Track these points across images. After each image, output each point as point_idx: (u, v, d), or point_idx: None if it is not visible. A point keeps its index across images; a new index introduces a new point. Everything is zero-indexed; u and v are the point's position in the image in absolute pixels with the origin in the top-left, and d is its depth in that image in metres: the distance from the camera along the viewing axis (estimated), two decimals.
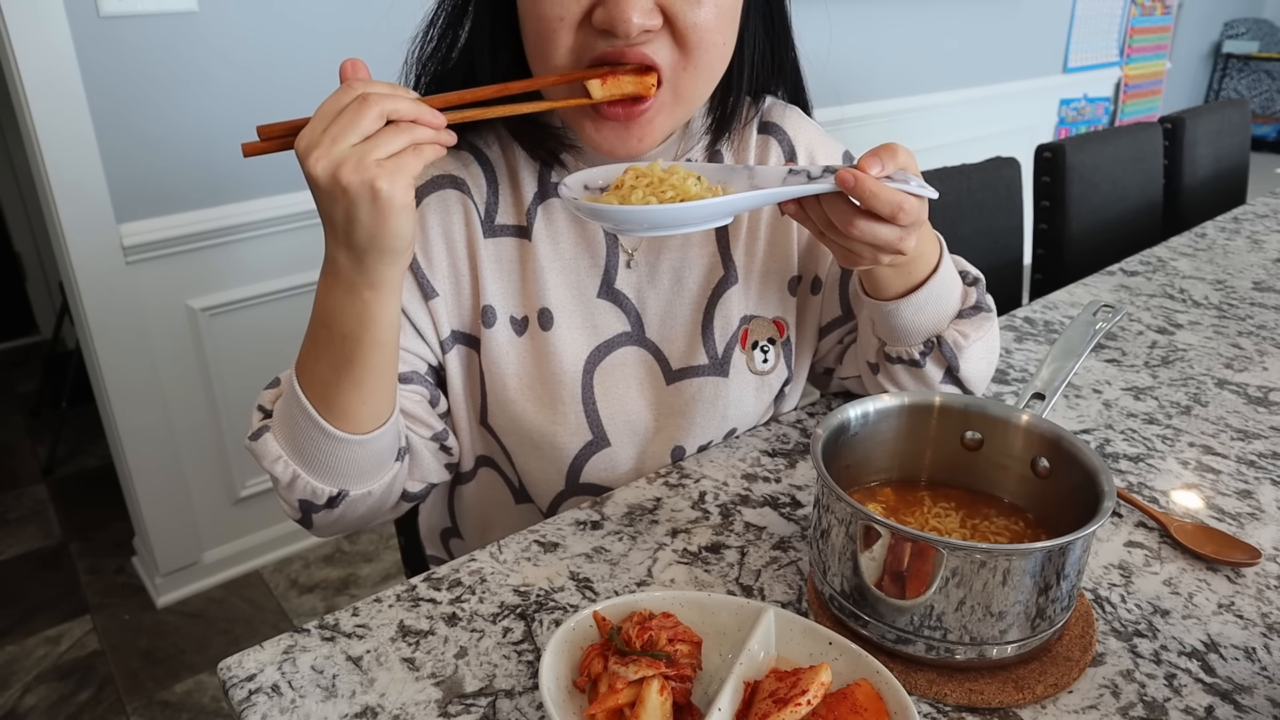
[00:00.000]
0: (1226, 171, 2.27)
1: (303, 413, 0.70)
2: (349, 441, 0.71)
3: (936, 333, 0.83)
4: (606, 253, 0.86)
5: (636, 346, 0.87)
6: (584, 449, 0.86)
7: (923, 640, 0.61)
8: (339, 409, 0.70)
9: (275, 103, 1.87)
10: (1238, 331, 1.24)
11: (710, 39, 0.72)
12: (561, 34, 0.70)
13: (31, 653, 1.95)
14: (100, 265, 1.76)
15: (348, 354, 0.68)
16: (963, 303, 0.84)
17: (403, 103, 0.60)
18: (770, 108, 0.92)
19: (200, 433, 2.01)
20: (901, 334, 0.83)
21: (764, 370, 0.91)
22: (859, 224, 0.67)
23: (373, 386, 0.70)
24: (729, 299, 0.88)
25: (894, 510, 0.73)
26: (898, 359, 0.85)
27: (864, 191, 0.65)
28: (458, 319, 0.84)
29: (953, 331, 0.83)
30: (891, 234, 0.68)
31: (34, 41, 1.58)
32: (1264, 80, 5.92)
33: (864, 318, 0.88)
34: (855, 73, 3.02)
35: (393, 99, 0.59)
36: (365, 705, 0.60)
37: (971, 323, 0.84)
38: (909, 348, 0.84)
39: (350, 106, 0.59)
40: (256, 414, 0.77)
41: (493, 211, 0.84)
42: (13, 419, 2.93)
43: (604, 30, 0.69)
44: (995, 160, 1.67)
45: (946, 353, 0.83)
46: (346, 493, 0.74)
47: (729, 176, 0.73)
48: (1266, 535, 0.79)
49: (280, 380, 0.77)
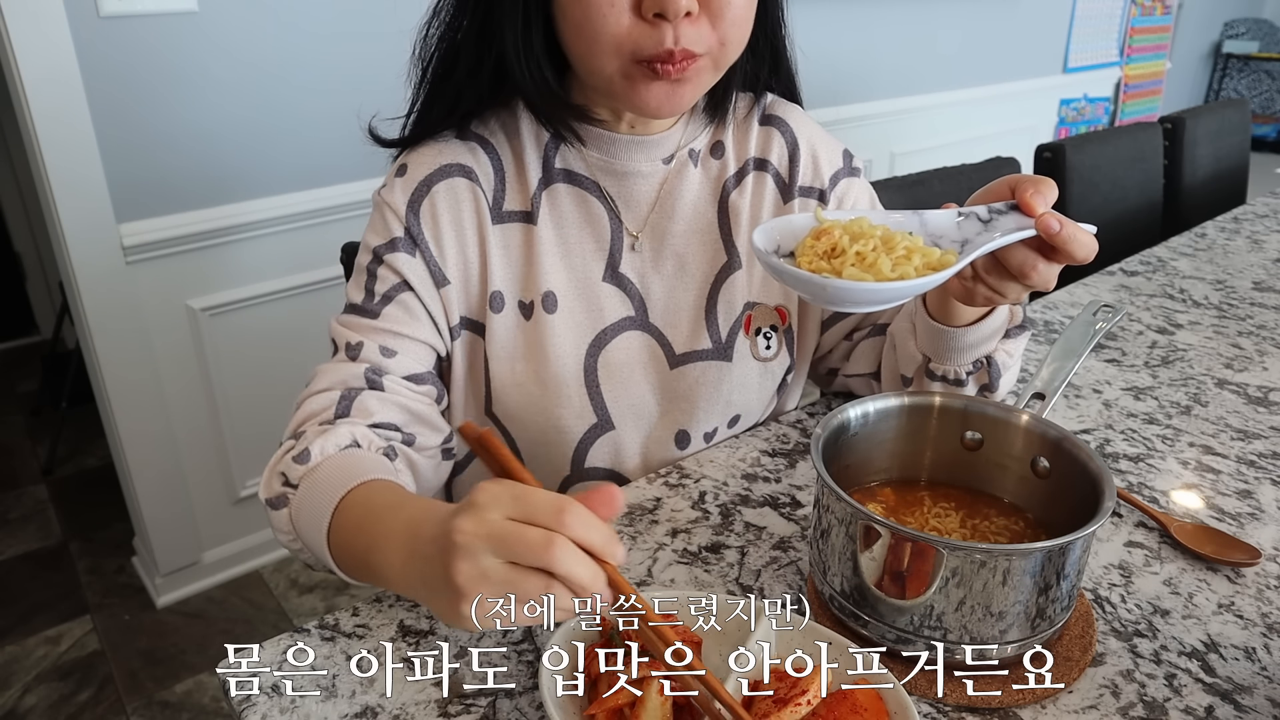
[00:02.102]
0: (1226, 171, 2.27)
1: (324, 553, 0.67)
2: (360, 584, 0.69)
3: (988, 353, 0.83)
4: (611, 237, 0.86)
5: (640, 331, 0.88)
6: (589, 432, 0.86)
7: (923, 640, 0.61)
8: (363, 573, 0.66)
9: (275, 102, 1.87)
10: (1238, 331, 1.24)
11: (741, 15, 0.75)
12: (612, 19, 0.70)
13: (31, 653, 1.95)
14: (100, 265, 1.76)
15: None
16: (1010, 320, 0.83)
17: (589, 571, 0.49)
18: (773, 102, 0.94)
19: (200, 433, 2.01)
20: (955, 354, 0.82)
21: (767, 356, 0.91)
22: (1042, 267, 0.67)
23: None
24: (733, 284, 0.89)
25: (894, 510, 0.73)
26: (941, 376, 0.84)
27: (1068, 239, 0.65)
28: (466, 306, 0.84)
29: (1001, 352, 0.83)
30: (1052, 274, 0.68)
31: (34, 41, 1.58)
32: (1264, 80, 5.92)
33: (902, 331, 0.87)
34: (855, 73, 3.02)
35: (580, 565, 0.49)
36: (365, 705, 0.60)
37: (1016, 341, 0.84)
38: (958, 367, 0.83)
39: (540, 544, 0.49)
40: (276, 478, 0.72)
41: (500, 198, 0.84)
42: (13, 419, 2.93)
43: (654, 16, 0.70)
44: (995, 160, 1.67)
45: (993, 372, 0.83)
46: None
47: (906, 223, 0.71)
48: (1266, 535, 0.79)
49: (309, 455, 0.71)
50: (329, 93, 1.91)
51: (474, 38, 0.78)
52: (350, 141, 0.87)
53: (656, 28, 0.70)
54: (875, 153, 3.18)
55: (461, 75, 0.80)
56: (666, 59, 0.72)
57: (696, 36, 0.72)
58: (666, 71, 0.73)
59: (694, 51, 0.73)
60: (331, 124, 1.92)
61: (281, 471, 0.73)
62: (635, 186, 0.86)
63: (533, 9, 0.75)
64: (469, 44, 0.78)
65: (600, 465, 0.88)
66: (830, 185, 0.93)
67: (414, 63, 0.81)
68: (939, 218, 0.69)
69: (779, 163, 0.92)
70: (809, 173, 0.92)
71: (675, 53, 0.71)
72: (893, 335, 0.90)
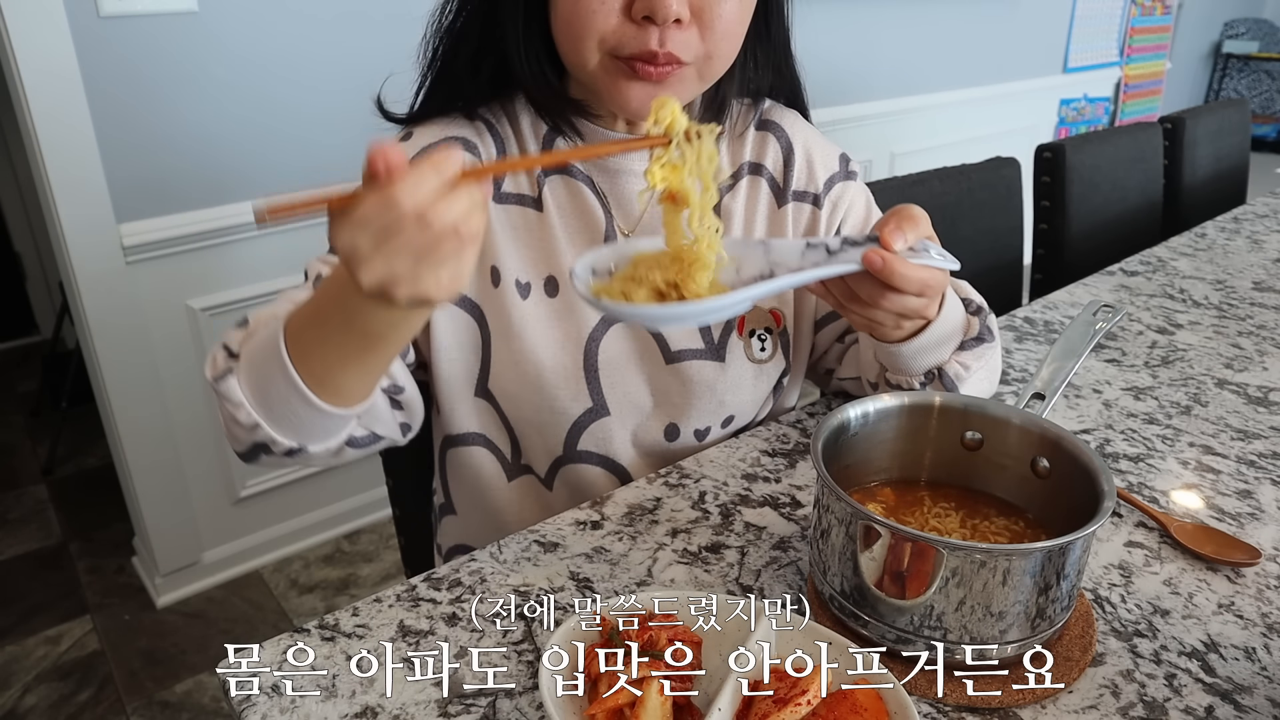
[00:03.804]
0: (1226, 171, 2.27)
1: (287, 382, 0.66)
2: (333, 414, 0.68)
3: (938, 364, 0.83)
4: (605, 232, 0.87)
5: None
6: (583, 415, 0.87)
7: (923, 640, 0.61)
8: (333, 387, 0.66)
9: (275, 103, 1.87)
10: (1238, 331, 1.24)
11: (733, 29, 0.75)
12: (600, 17, 0.71)
13: (31, 653, 1.95)
14: (100, 265, 1.76)
15: (366, 348, 0.64)
16: (965, 333, 0.83)
17: (457, 210, 0.52)
18: (770, 108, 0.94)
19: (200, 433, 2.01)
20: (903, 366, 0.82)
21: (762, 359, 0.92)
22: (887, 299, 0.68)
23: (379, 369, 0.68)
24: None
25: (894, 510, 0.73)
26: (897, 386, 0.85)
27: (893, 275, 0.66)
28: None
29: (954, 364, 0.83)
30: (919, 304, 0.69)
31: (34, 41, 1.58)
32: (1264, 80, 5.92)
33: (865, 341, 0.88)
34: (855, 73, 3.02)
35: (449, 209, 0.52)
36: (365, 705, 0.60)
37: (973, 353, 0.83)
38: (910, 377, 0.84)
39: (407, 230, 0.52)
40: (220, 352, 0.72)
41: (500, 178, 0.86)
42: (13, 419, 2.93)
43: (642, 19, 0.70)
44: (995, 160, 1.67)
45: (947, 384, 0.83)
46: (305, 448, 0.72)
47: (744, 252, 0.71)
48: (1266, 535, 0.79)
49: (249, 321, 0.73)
50: (329, 92, 1.91)
51: (478, 30, 0.79)
52: (351, 142, 0.87)
53: (644, 30, 0.71)
54: (875, 153, 3.18)
55: (464, 65, 0.81)
56: (649, 59, 0.72)
57: (684, 44, 0.73)
58: (647, 73, 0.74)
59: (679, 57, 0.73)
60: (332, 124, 1.92)
61: (223, 344, 0.72)
62: (627, 185, 0.87)
63: (533, 11, 0.75)
64: (472, 34, 0.80)
65: (592, 449, 0.89)
66: (825, 190, 0.94)
67: (424, 44, 0.83)
68: (783, 246, 0.71)
69: (774, 167, 0.92)
70: (803, 177, 0.93)
71: (659, 55, 0.72)
72: (860, 344, 0.91)
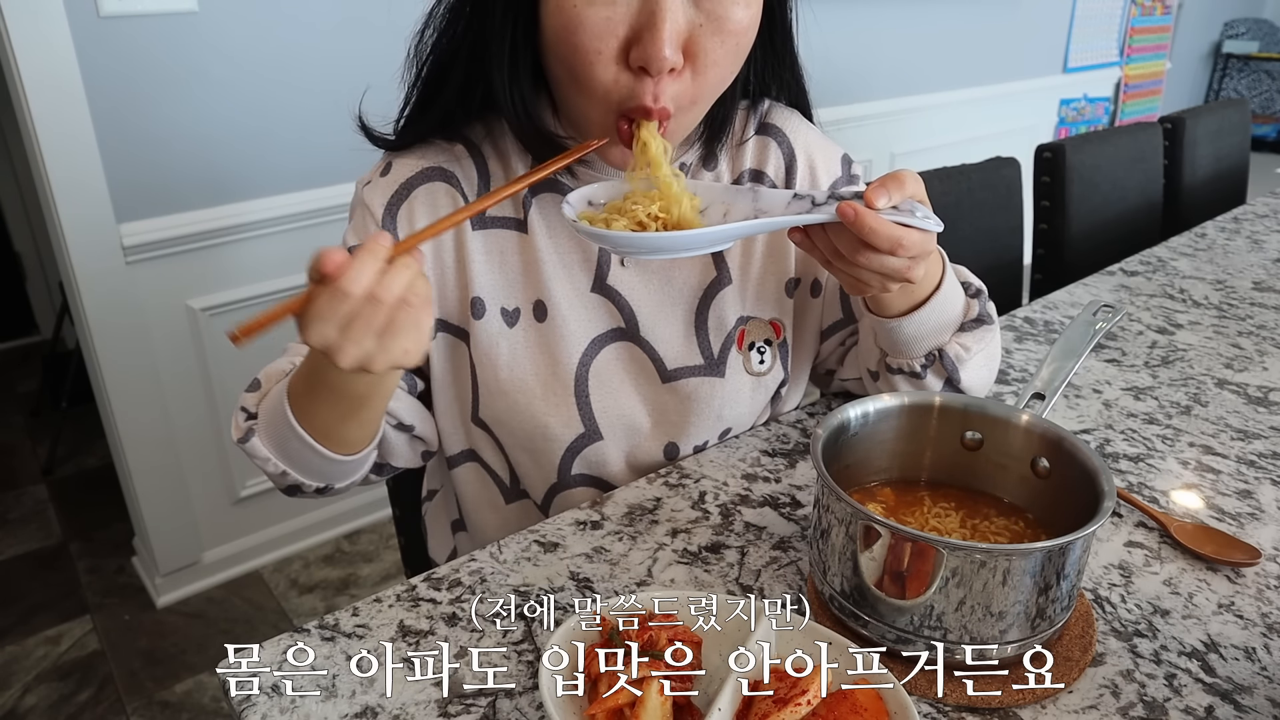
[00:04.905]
0: (1226, 171, 2.27)
1: (299, 439, 0.73)
2: (343, 461, 0.75)
3: (938, 346, 0.83)
4: (599, 249, 0.86)
5: (630, 343, 0.87)
6: (576, 440, 0.86)
7: (923, 640, 0.61)
8: (338, 438, 0.74)
9: (275, 103, 1.87)
10: (1238, 331, 1.24)
11: (727, 71, 0.74)
12: (599, 67, 0.70)
13: (31, 653, 1.95)
14: (100, 265, 1.76)
15: (355, 407, 0.71)
16: (965, 315, 0.84)
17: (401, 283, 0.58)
18: (770, 110, 0.92)
19: (200, 433, 2.01)
20: (903, 347, 0.83)
21: (761, 371, 0.91)
22: (864, 255, 0.68)
23: (375, 419, 0.75)
24: (723, 300, 0.88)
25: (894, 510, 0.73)
26: (898, 370, 0.85)
27: (863, 227, 0.66)
28: (442, 309, 0.85)
29: (954, 345, 0.84)
30: (899, 264, 0.68)
31: (34, 41, 1.58)
32: (1264, 80, 5.91)
33: (865, 327, 0.89)
34: (855, 73, 3.02)
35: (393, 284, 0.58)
36: (365, 705, 0.60)
37: (973, 335, 0.84)
38: (910, 360, 0.84)
39: (364, 313, 0.58)
40: (239, 415, 0.79)
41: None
42: (13, 419, 2.93)
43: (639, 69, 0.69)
44: (995, 160, 1.67)
45: (947, 365, 0.84)
46: (332, 485, 0.80)
47: (734, 198, 0.73)
48: (1266, 535, 0.79)
49: (259, 383, 0.80)
50: (329, 93, 1.91)
51: (465, 59, 0.78)
52: (350, 142, 0.87)
53: (640, 80, 0.70)
54: (875, 153, 3.18)
55: (451, 93, 0.80)
56: (645, 115, 0.72)
57: (676, 95, 0.72)
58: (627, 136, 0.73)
59: (671, 111, 0.73)
60: (331, 124, 1.90)
61: (241, 407, 0.79)
62: None
63: (520, 45, 0.74)
64: (459, 63, 0.78)
65: (587, 473, 0.88)
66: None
67: (408, 65, 0.81)
68: (771, 195, 0.73)
69: (775, 174, 0.91)
70: (806, 182, 0.92)
71: (653, 111, 0.71)
72: (860, 334, 0.91)
